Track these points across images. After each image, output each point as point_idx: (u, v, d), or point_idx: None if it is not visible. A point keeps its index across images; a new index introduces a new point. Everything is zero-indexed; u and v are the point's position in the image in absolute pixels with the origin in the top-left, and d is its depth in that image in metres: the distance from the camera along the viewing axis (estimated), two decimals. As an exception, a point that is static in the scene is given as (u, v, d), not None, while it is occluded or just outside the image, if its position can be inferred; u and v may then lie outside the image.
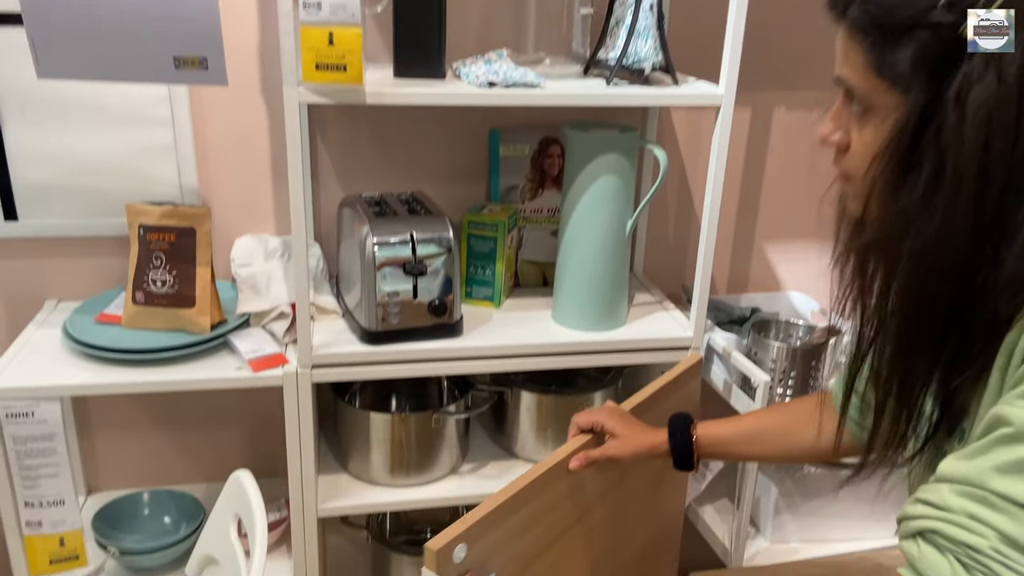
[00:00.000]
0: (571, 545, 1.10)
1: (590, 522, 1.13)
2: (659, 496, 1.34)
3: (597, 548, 1.16)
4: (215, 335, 1.33)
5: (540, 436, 1.50)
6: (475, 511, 0.92)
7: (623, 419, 1.14)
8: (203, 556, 1.24)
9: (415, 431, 1.41)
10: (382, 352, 1.30)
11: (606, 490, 1.15)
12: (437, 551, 0.87)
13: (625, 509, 1.22)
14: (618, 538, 1.22)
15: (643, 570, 1.32)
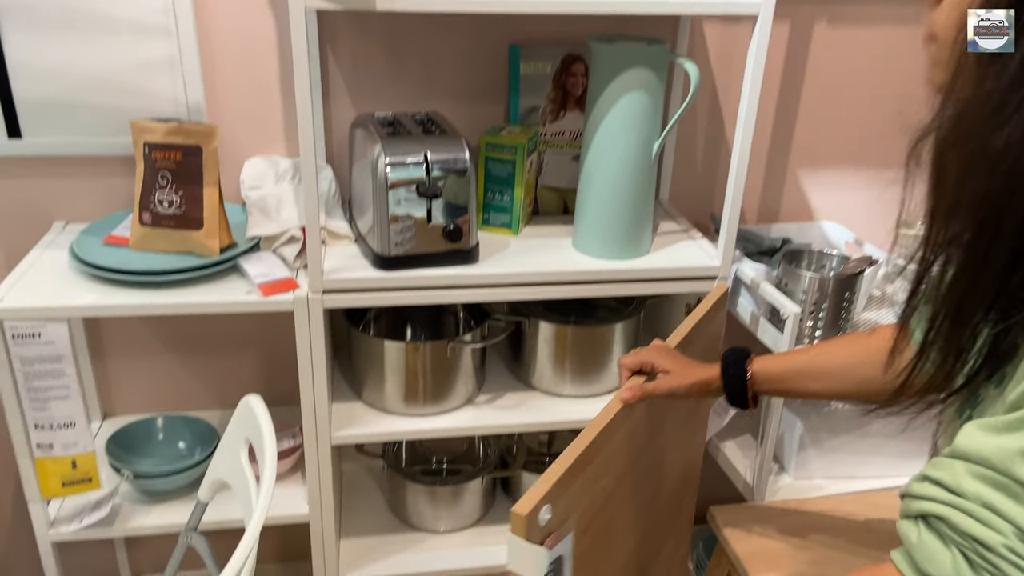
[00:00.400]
0: (624, 492, 1.06)
1: (639, 467, 1.09)
2: (687, 433, 1.30)
3: (643, 493, 1.12)
4: (224, 258, 1.29)
5: (558, 368, 1.46)
6: (554, 469, 0.86)
7: (672, 356, 1.08)
8: (215, 481, 1.23)
9: (430, 360, 1.37)
10: (395, 278, 1.26)
11: (653, 433, 1.11)
12: (526, 516, 0.80)
13: (663, 450, 1.18)
14: (658, 480, 1.18)
15: (670, 508, 1.29)
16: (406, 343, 1.38)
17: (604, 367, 1.47)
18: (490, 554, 1.53)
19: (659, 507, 1.22)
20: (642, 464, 1.10)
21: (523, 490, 1.61)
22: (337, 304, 1.26)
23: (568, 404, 1.46)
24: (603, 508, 0.98)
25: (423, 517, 1.57)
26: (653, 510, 1.19)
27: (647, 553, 1.20)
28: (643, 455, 1.09)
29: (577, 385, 1.47)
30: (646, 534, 1.17)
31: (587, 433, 0.92)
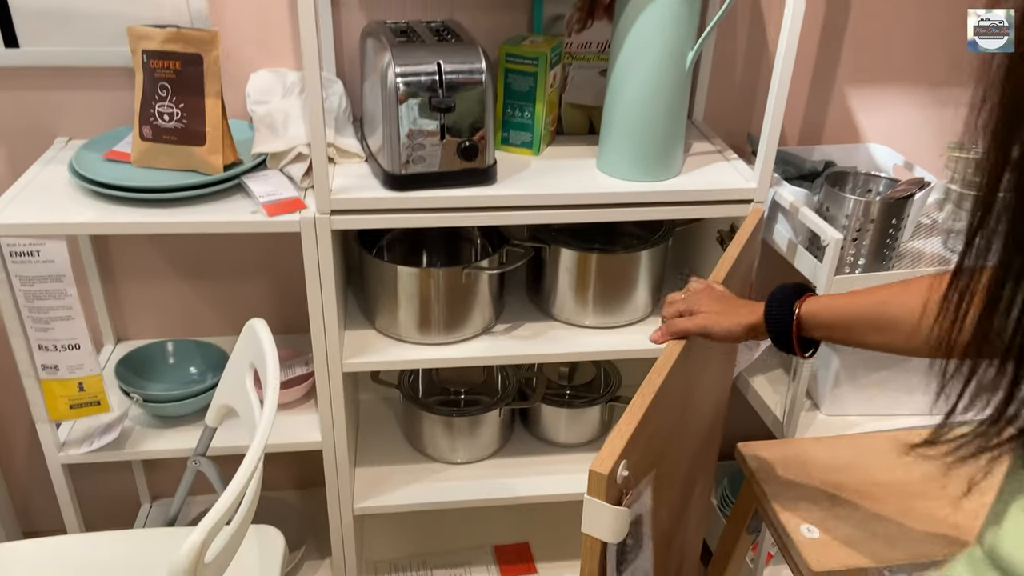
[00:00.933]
0: (678, 436, 1.00)
1: (688, 407, 1.02)
2: (722, 368, 1.23)
3: (688, 433, 1.06)
4: (228, 176, 1.22)
5: (580, 298, 1.39)
6: (625, 424, 0.79)
7: (719, 299, 0.98)
8: (221, 406, 1.19)
9: (444, 287, 1.31)
10: (406, 199, 1.19)
11: (700, 371, 1.05)
12: (607, 475, 0.74)
13: (705, 388, 1.11)
14: (699, 418, 1.12)
15: (702, 445, 1.23)
16: (420, 269, 1.31)
17: (628, 298, 1.39)
18: (507, 486, 1.49)
19: (696, 445, 1.16)
20: (690, 404, 1.04)
21: (542, 422, 1.57)
22: (345, 225, 1.19)
23: (589, 335, 1.39)
24: (662, 455, 0.92)
25: (439, 448, 1.53)
26: (693, 449, 1.13)
27: (687, 493, 1.15)
28: (692, 395, 1.03)
29: (599, 316, 1.40)
30: (687, 474, 1.12)
31: (652, 379, 0.86)
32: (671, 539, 1.13)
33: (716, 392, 1.24)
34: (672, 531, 1.12)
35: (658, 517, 0.98)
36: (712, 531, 1.71)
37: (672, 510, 1.08)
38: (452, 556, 1.67)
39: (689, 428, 1.06)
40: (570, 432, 1.58)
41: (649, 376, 0.87)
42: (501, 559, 1.66)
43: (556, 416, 1.57)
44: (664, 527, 1.05)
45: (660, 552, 1.08)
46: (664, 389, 0.86)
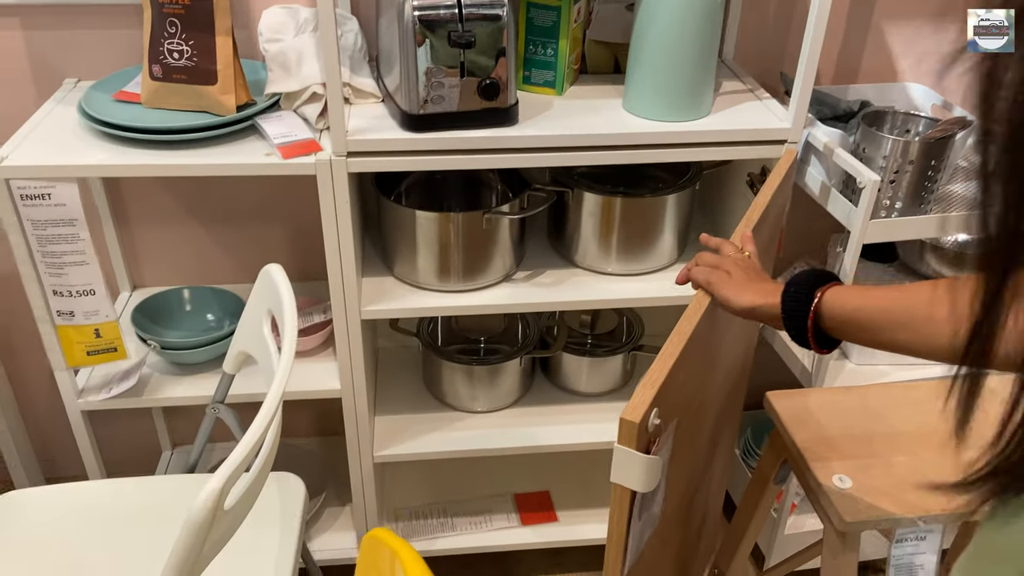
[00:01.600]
0: (705, 385, 0.97)
1: (715, 356, 0.99)
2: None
3: (714, 382, 1.03)
4: (241, 117, 1.19)
5: (603, 244, 1.35)
6: (656, 371, 0.76)
7: (744, 268, 0.91)
8: (239, 353, 1.17)
9: (464, 232, 1.27)
10: (425, 140, 1.14)
11: (728, 324, 1.01)
12: (639, 423, 0.72)
13: (732, 336, 1.08)
14: (725, 371, 1.09)
15: (728, 395, 1.20)
16: (439, 213, 1.27)
17: (653, 244, 1.35)
18: (528, 435, 1.48)
19: (723, 396, 1.13)
20: (718, 353, 1.00)
21: (563, 371, 1.54)
22: (362, 168, 1.16)
23: (612, 283, 1.36)
24: (689, 405, 0.90)
25: (460, 397, 1.51)
26: (719, 399, 1.10)
27: (713, 444, 1.13)
28: (720, 344, 1.00)
29: (623, 262, 1.36)
30: (713, 425, 1.09)
31: (683, 327, 0.83)
32: (696, 490, 1.11)
33: (743, 341, 1.21)
34: (698, 483, 1.10)
35: (683, 467, 0.96)
36: (735, 483, 1.70)
37: (698, 461, 1.06)
38: (472, 504, 1.67)
39: (716, 378, 1.03)
40: (591, 381, 1.56)
41: (679, 324, 0.83)
42: (521, 507, 1.66)
43: (577, 365, 1.54)
44: (690, 478, 1.03)
45: (685, 503, 1.06)
46: (693, 337, 0.83)
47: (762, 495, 1.19)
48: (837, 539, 0.94)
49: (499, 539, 1.60)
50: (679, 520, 1.05)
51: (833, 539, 0.95)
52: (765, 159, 1.24)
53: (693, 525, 1.18)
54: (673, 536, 1.04)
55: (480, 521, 1.63)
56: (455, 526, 1.62)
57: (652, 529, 0.85)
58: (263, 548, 1.13)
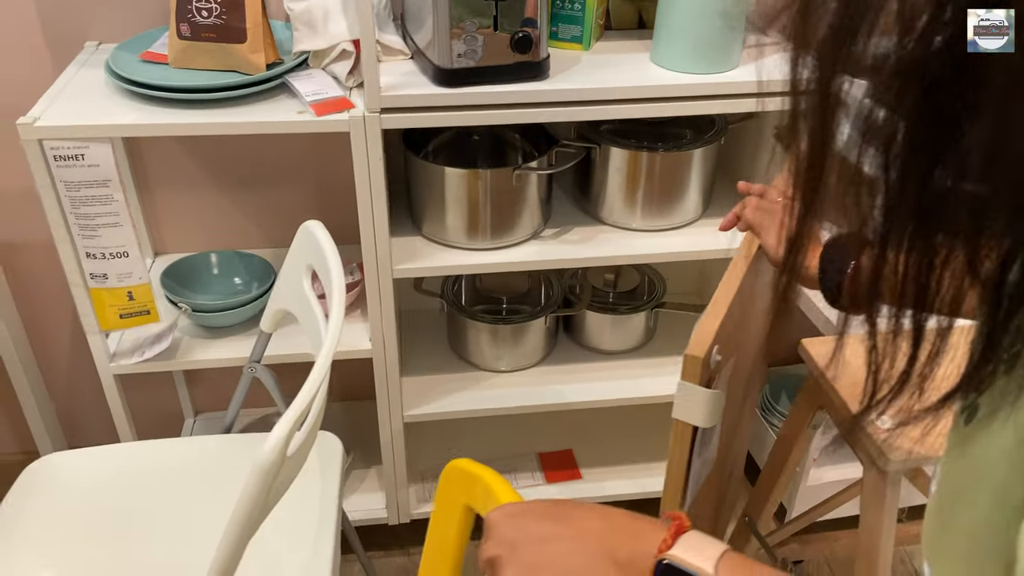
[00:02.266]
0: (740, 339, 0.98)
1: (749, 312, 1.00)
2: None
3: (748, 337, 1.04)
4: (271, 76, 1.18)
5: (629, 199, 1.36)
6: (716, 307, 0.77)
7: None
8: (277, 311, 1.18)
9: (493, 188, 1.28)
10: (458, 95, 1.14)
11: (763, 276, 1.02)
12: (703, 358, 0.73)
13: (761, 292, 1.09)
14: (756, 323, 1.10)
15: (756, 346, 1.22)
16: (469, 170, 1.28)
17: (678, 199, 1.36)
18: (553, 393, 1.49)
19: (755, 345, 1.15)
20: (752, 305, 1.02)
21: (587, 330, 1.56)
22: (395, 124, 1.15)
23: (639, 239, 1.37)
24: (736, 348, 0.91)
25: (484, 356, 1.53)
26: (752, 351, 1.12)
27: (743, 398, 1.14)
28: (754, 295, 1.01)
29: (649, 218, 1.37)
30: (747, 375, 1.11)
31: (735, 271, 0.83)
32: (728, 446, 1.13)
33: (765, 291, 1.22)
34: (730, 438, 1.12)
35: (727, 412, 0.97)
36: (753, 441, 1.72)
37: (733, 411, 1.07)
38: (497, 463, 1.68)
39: (749, 329, 1.04)
40: (614, 339, 1.57)
41: (732, 264, 0.85)
42: (545, 465, 1.68)
43: (601, 323, 1.55)
44: (728, 427, 1.05)
45: (722, 453, 1.08)
46: (742, 284, 0.84)
47: (795, 443, 1.22)
48: (880, 481, 0.96)
49: (525, 496, 1.62)
50: (716, 470, 1.07)
51: (875, 482, 0.98)
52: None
53: (724, 477, 1.20)
54: (711, 486, 1.06)
55: (506, 479, 1.65)
56: (481, 485, 1.64)
57: (708, 470, 0.87)
58: (308, 502, 1.15)
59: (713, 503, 1.12)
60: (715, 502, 1.15)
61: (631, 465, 1.68)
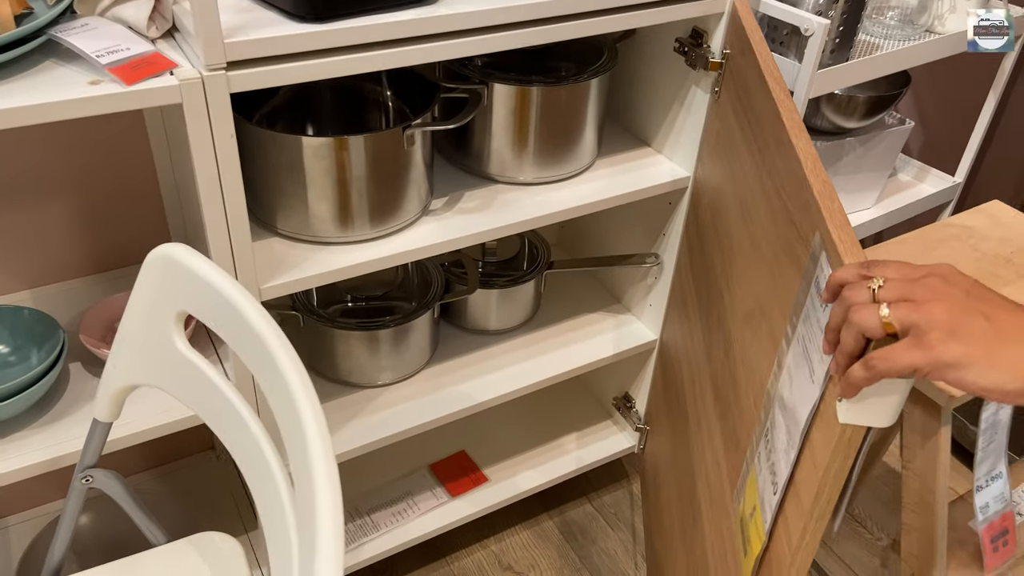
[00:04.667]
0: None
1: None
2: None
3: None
4: (27, 32, 0.75)
5: (519, 147, 1.12)
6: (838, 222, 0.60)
7: (969, 295, 0.54)
8: (121, 389, 0.78)
9: (376, 158, 0.97)
10: (331, 33, 0.81)
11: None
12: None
13: None
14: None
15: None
16: (347, 137, 0.94)
17: (576, 142, 1.15)
18: (454, 396, 1.24)
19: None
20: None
21: (470, 312, 1.32)
22: (249, 84, 0.80)
23: (544, 192, 1.14)
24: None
25: (364, 371, 1.22)
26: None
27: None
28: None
29: (544, 168, 1.15)
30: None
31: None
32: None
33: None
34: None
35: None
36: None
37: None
38: (387, 491, 1.39)
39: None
40: (504, 316, 1.34)
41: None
42: (443, 477, 1.42)
43: (487, 301, 1.31)
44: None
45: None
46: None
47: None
48: (930, 419, 0.86)
49: (433, 522, 1.36)
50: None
51: (922, 420, 0.87)
52: (697, 18, 1.08)
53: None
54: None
55: (404, 508, 1.37)
56: (377, 524, 1.34)
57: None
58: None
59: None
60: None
61: (532, 452, 1.48)
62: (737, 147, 0.99)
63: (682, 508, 1.15)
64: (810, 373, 0.65)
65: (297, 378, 0.62)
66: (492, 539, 1.49)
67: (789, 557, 0.67)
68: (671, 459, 1.26)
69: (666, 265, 1.30)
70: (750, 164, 0.94)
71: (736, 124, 1.00)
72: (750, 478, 0.80)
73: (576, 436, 1.52)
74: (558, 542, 1.49)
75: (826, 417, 0.62)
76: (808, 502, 0.64)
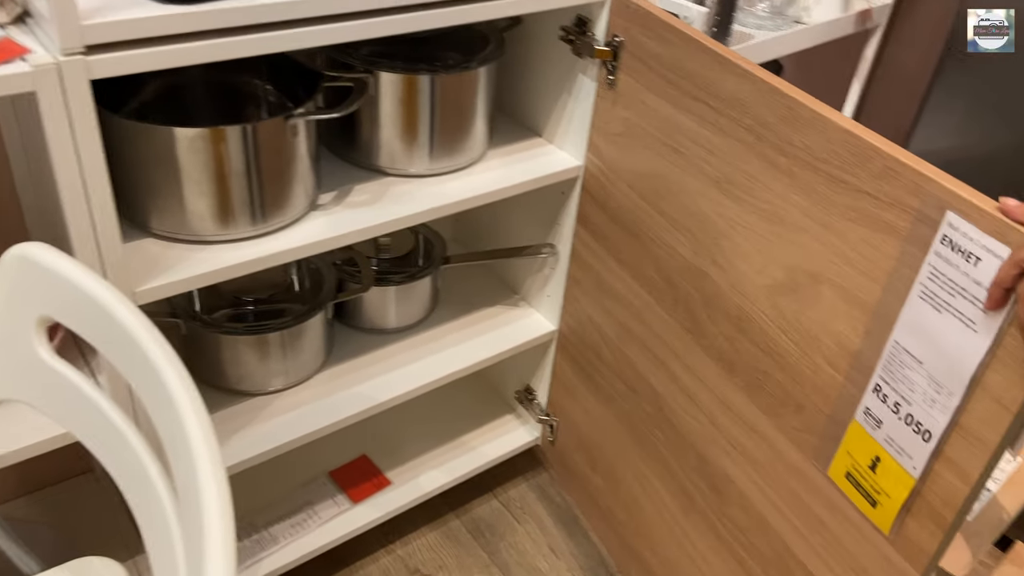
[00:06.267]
0: None
1: None
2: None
3: None
4: None
5: (409, 137, 1.09)
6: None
7: None
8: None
9: (260, 149, 0.92)
10: (197, 15, 0.77)
11: None
12: None
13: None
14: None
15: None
16: (218, 129, 0.89)
17: (468, 131, 1.14)
18: (352, 399, 1.20)
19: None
20: None
21: (365, 311, 1.29)
22: (108, 70, 0.74)
23: (435, 184, 1.12)
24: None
25: (254, 379, 1.16)
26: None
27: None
28: None
29: (437, 159, 1.13)
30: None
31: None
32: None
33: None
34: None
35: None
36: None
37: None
38: (285, 503, 1.33)
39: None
40: (401, 313, 1.31)
41: None
42: (344, 484, 1.37)
43: (383, 299, 1.28)
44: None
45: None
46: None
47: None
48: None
49: (335, 530, 1.31)
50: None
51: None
52: (579, 5, 1.08)
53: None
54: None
55: (304, 519, 1.31)
56: (275, 538, 1.28)
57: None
58: None
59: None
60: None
61: (436, 451, 1.46)
62: (681, 126, 0.98)
63: (660, 480, 1.17)
64: (967, 323, 0.71)
65: (179, 383, 0.57)
66: (398, 543, 1.45)
67: (967, 491, 0.75)
68: (609, 439, 1.26)
69: (562, 255, 1.30)
70: (722, 141, 0.93)
71: (670, 105, 0.99)
72: (851, 435, 0.85)
73: (479, 432, 1.50)
74: (466, 541, 1.47)
75: (1006, 359, 0.69)
76: (994, 438, 0.72)
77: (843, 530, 0.89)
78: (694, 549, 1.15)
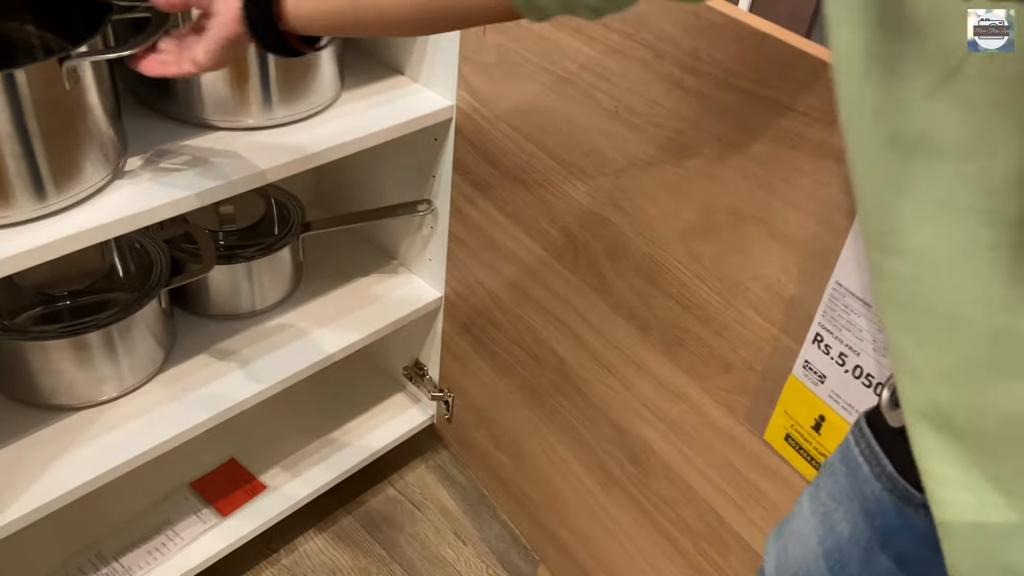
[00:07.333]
0: None
1: None
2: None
3: None
4: None
5: (240, 82, 0.89)
6: None
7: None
8: None
9: (20, 105, 0.70)
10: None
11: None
12: None
13: None
14: None
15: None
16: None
17: (312, 69, 0.94)
18: (209, 399, 1.01)
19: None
20: None
21: (212, 295, 1.09)
22: None
23: (278, 136, 0.93)
24: None
25: (75, 388, 0.95)
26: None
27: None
28: None
29: (276, 105, 0.93)
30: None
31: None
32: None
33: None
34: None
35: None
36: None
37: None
38: (138, 525, 1.13)
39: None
40: (255, 294, 1.12)
41: None
42: (209, 495, 1.18)
43: (233, 279, 1.08)
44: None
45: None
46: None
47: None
48: None
49: (203, 551, 1.12)
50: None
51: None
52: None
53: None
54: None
55: (164, 542, 1.12)
56: (129, 568, 1.09)
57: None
58: None
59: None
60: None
61: (317, 445, 1.28)
62: (566, 48, 0.82)
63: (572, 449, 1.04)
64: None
65: None
66: (282, 552, 1.28)
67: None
68: (512, 412, 1.13)
69: (441, 211, 1.13)
70: (616, 63, 0.77)
71: (550, 24, 0.83)
72: (788, 393, 0.74)
73: (366, 417, 1.33)
74: (360, 538, 1.31)
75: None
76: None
77: (784, 497, 0.79)
78: (615, 525, 1.04)
